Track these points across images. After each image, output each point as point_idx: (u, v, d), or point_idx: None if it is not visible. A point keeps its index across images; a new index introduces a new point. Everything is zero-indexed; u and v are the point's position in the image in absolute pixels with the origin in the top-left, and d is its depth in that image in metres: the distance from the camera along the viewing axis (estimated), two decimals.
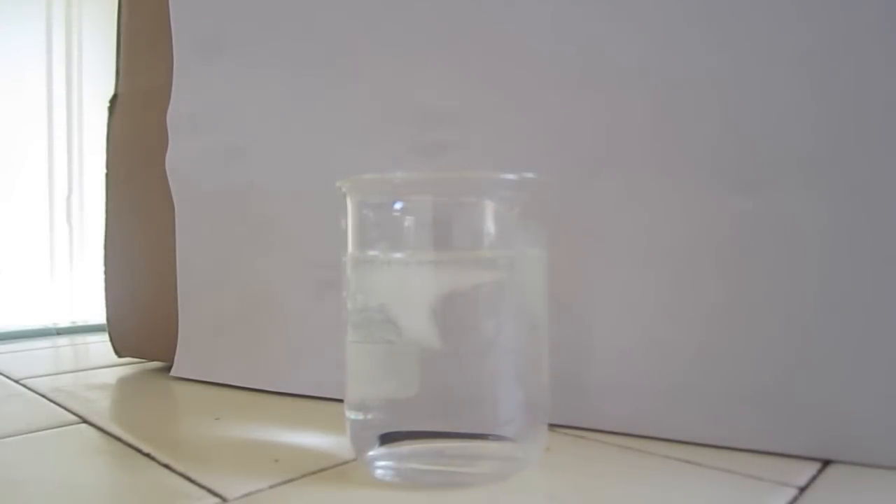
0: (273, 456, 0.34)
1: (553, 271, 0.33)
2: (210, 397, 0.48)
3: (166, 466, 0.33)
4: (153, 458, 0.34)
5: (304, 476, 0.31)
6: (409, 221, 0.30)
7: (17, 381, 0.55)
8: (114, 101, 0.59)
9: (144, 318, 0.58)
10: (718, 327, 0.35)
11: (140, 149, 0.57)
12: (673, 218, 0.36)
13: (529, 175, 0.30)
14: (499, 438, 0.30)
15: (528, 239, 0.31)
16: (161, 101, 0.54)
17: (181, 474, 0.31)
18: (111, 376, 0.57)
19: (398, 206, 0.30)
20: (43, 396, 0.49)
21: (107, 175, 0.60)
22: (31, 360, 0.68)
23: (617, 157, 0.37)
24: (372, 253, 0.30)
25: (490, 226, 0.30)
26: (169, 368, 0.54)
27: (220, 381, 0.51)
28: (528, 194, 0.30)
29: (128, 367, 0.60)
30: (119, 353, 0.60)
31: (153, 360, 0.59)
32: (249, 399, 0.47)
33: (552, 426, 0.35)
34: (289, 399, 0.46)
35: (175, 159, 0.53)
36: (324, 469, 0.32)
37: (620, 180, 0.37)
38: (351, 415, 0.31)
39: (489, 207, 0.30)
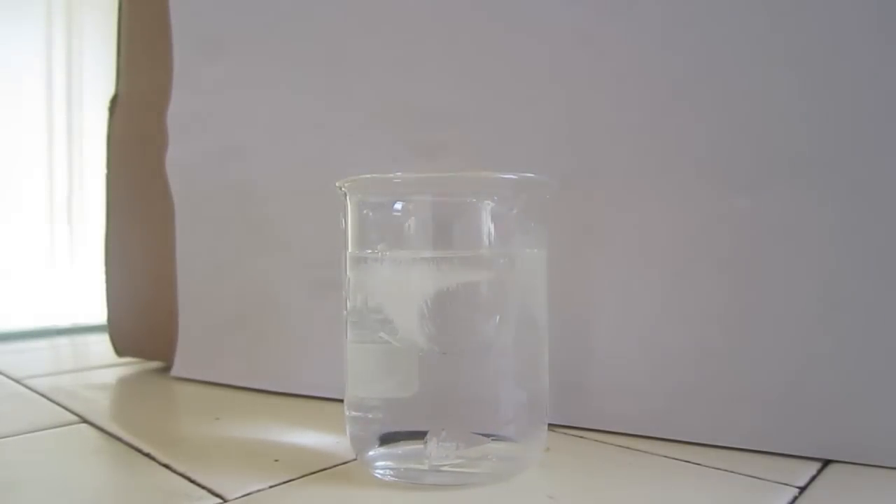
0: (273, 456, 0.34)
1: (553, 271, 0.33)
2: (210, 397, 0.48)
3: (166, 466, 0.33)
4: (153, 458, 0.34)
5: (304, 476, 0.31)
6: (408, 221, 0.30)
7: (17, 381, 0.55)
8: (114, 101, 0.59)
9: (144, 318, 0.58)
10: (718, 327, 0.35)
11: (140, 149, 0.57)
12: (673, 218, 0.36)
13: (529, 175, 0.30)
14: (499, 439, 0.30)
15: (528, 239, 0.31)
16: (161, 101, 0.54)
17: (181, 474, 0.31)
18: (111, 376, 0.57)
19: (398, 205, 0.30)
20: (43, 396, 0.49)
21: (107, 175, 0.60)
22: (31, 360, 0.68)
23: (617, 157, 0.37)
24: (371, 252, 0.30)
25: (490, 226, 0.30)
26: (169, 368, 0.54)
27: (220, 382, 0.51)
28: (527, 194, 0.30)
29: (128, 366, 0.60)
30: (119, 353, 0.60)
31: (153, 360, 0.59)
32: (249, 399, 0.47)
33: (552, 426, 0.35)
34: (289, 399, 0.46)
35: (175, 159, 0.53)
36: (324, 469, 0.32)
37: (620, 180, 0.37)
38: (351, 414, 0.31)
39: (489, 207, 0.30)
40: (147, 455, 0.35)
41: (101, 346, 0.63)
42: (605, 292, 0.38)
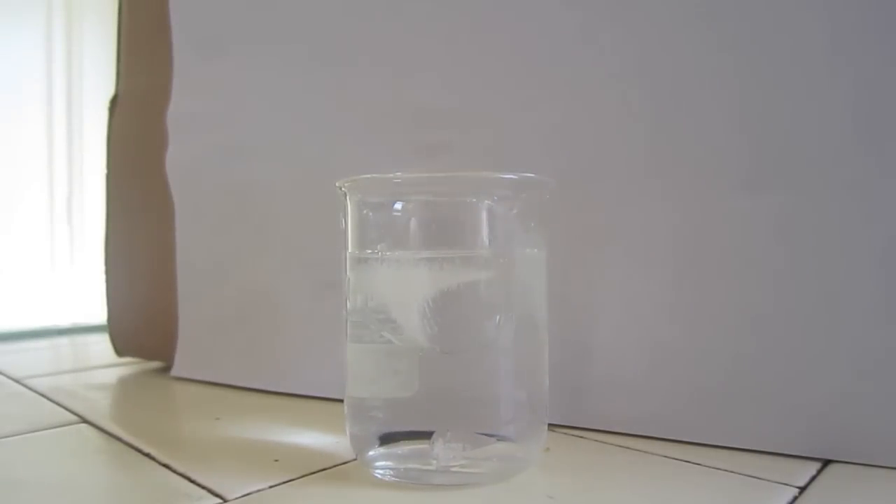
0: (273, 455, 0.34)
1: (553, 271, 0.33)
2: (210, 397, 0.48)
3: (166, 466, 0.33)
4: (153, 458, 0.34)
5: (303, 476, 0.31)
6: (408, 221, 0.30)
7: (17, 381, 0.55)
8: (114, 101, 0.59)
9: (145, 318, 0.58)
10: (718, 327, 0.35)
11: (140, 148, 0.57)
12: (673, 218, 0.36)
13: (529, 175, 0.30)
14: (499, 439, 0.30)
15: (528, 239, 0.31)
16: (161, 100, 0.54)
17: (181, 474, 0.31)
18: (111, 376, 0.58)
19: (398, 205, 0.30)
20: (43, 396, 0.49)
21: (107, 175, 0.60)
22: (31, 360, 0.68)
23: (617, 157, 0.37)
24: (371, 252, 0.30)
25: (489, 226, 0.30)
26: (169, 368, 0.54)
27: (221, 382, 0.51)
28: (527, 194, 0.30)
29: (128, 366, 0.60)
30: (119, 353, 0.60)
31: (153, 360, 0.59)
32: (249, 399, 0.47)
33: (552, 426, 0.35)
34: (289, 399, 0.46)
35: (175, 159, 0.53)
36: (324, 469, 0.32)
37: (620, 180, 0.37)
38: (350, 414, 0.31)
39: (489, 207, 0.30)
40: (147, 455, 0.35)
41: (101, 346, 0.63)
42: (604, 292, 0.38)
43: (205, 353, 0.53)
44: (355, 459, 0.32)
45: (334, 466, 0.33)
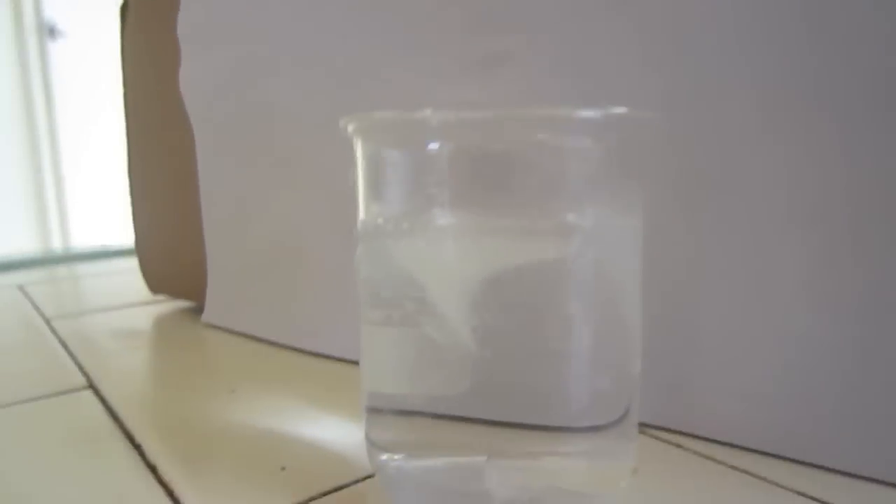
0: (281, 460, 0.28)
1: (648, 242, 0.23)
2: (233, 357, 0.43)
3: (152, 469, 0.27)
4: (142, 454, 0.28)
5: (311, 501, 0.25)
6: (445, 177, 0.21)
7: (46, 322, 0.52)
8: (124, 9, 0.51)
9: (172, 255, 0.53)
10: (882, 317, 0.25)
11: (155, 63, 0.50)
12: (817, 167, 0.25)
13: (619, 110, 0.20)
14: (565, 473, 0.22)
15: (615, 201, 0.22)
16: (175, 8, 0.45)
17: (164, 484, 0.26)
18: (142, 318, 0.53)
19: (430, 154, 0.21)
20: (62, 345, 0.45)
21: (124, 95, 0.53)
22: (74, 290, 0.66)
23: (737, 79, 0.27)
24: (392, 221, 0.22)
25: (560, 184, 0.21)
26: (202, 309, 0.49)
27: (249, 333, 0.46)
28: (616, 137, 0.21)
29: (161, 305, 0.56)
30: (153, 290, 0.56)
31: (186, 300, 0.55)
32: (275, 362, 0.41)
33: (643, 425, 0.27)
34: (318, 362, 0.40)
35: (189, 76, 0.45)
36: (338, 489, 0.25)
37: (743, 112, 0.27)
38: (370, 417, 0.24)
39: (560, 157, 0.20)
40: (137, 447, 0.29)
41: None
42: (718, 268, 0.28)
43: (234, 300, 0.47)
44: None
45: (352, 484, 0.26)
